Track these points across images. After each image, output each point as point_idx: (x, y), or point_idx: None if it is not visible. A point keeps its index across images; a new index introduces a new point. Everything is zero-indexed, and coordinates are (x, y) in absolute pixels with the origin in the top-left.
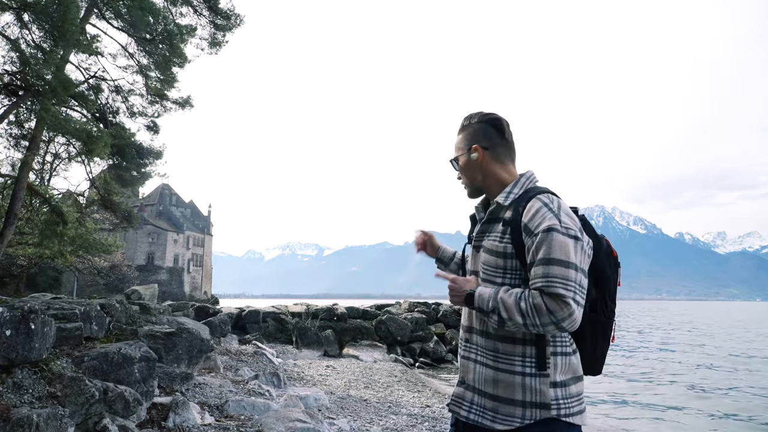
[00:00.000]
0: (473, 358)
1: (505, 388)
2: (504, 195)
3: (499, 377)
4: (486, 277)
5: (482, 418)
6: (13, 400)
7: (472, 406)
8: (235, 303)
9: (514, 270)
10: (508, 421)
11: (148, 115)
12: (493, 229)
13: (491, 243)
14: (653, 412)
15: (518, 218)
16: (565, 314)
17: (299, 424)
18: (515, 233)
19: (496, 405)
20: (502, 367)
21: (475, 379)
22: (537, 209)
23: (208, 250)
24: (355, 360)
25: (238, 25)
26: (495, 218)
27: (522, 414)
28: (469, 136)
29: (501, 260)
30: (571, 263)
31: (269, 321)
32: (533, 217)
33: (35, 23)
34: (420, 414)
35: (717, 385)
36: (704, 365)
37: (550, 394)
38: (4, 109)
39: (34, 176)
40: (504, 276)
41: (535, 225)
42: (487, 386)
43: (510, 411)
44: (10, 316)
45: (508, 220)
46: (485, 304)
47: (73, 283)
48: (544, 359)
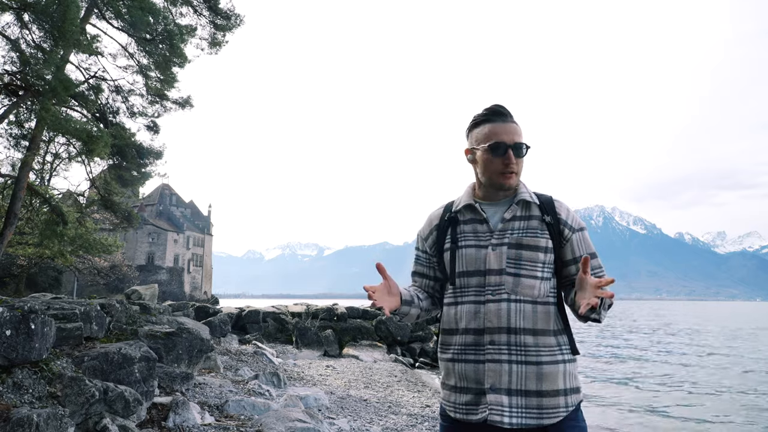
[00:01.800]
0: (506, 359)
1: (550, 380)
2: (528, 194)
3: (543, 371)
4: (526, 272)
5: (526, 419)
6: (13, 400)
7: (512, 410)
8: (235, 303)
9: (549, 264)
10: (554, 414)
11: (148, 115)
12: (523, 226)
13: (530, 239)
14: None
15: (554, 216)
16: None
17: (299, 424)
18: (552, 229)
19: (540, 401)
20: (546, 360)
21: (512, 381)
22: (568, 210)
23: (208, 250)
24: (355, 360)
25: (238, 25)
26: (521, 216)
27: (565, 402)
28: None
29: (542, 254)
30: None
31: (269, 321)
32: (569, 214)
33: (35, 23)
34: (420, 414)
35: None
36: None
37: (580, 378)
38: (4, 109)
39: (34, 176)
40: (543, 270)
41: (575, 222)
42: (530, 383)
43: (555, 403)
44: (10, 316)
45: (541, 217)
46: (606, 307)
47: (73, 283)
48: (575, 344)
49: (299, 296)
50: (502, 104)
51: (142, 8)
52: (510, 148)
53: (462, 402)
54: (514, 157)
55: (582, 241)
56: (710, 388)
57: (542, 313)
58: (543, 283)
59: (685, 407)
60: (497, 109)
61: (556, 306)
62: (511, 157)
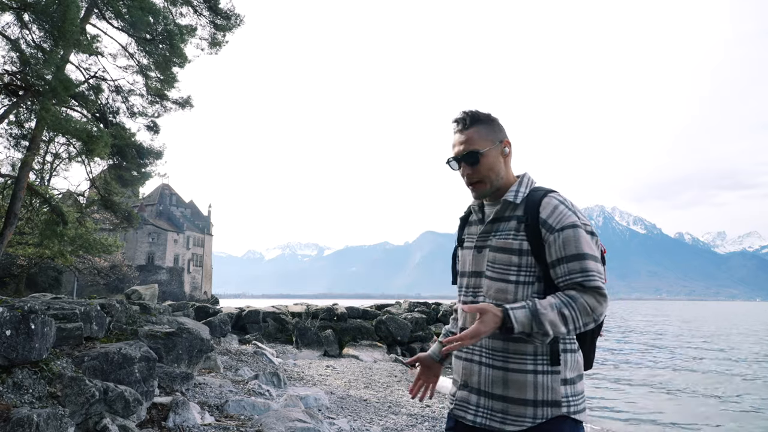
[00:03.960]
0: (477, 360)
1: (516, 388)
2: (513, 193)
3: (509, 377)
4: (497, 275)
5: (490, 421)
6: (13, 400)
7: (478, 409)
8: (235, 303)
9: (528, 267)
10: (518, 422)
11: (148, 115)
12: (502, 228)
13: (503, 241)
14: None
15: (534, 215)
16: (604, 308)
17: (299, 423)
18: (530, 230)
19: (505, 406)
20: (513, 367)
21: (481, 382)
22: (555, 206)
23: (208, 250)
24: (355, 360)
25: (238, 25)
26: (503, 217)
27: (533, 413)
28: (497, 130)
29: (515, 257)
30: (597, 258)
31: (269, 321)
32: (552, 213)
33: (35, 23)
34: (420, 414)
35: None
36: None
37: (562, 392)
38: (4, 109)
39: (34, 176)
40: (518, 273)
41: (557, 221)
42: (496, 388)
43: (521, 411)
44: (10, 316)
45: (521, 217)
46: (527, 327)
47: (73, 283)
48: (557, 355)
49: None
50: (466, 109)
51: (142, 8)
52: (460, 161)
53: (452, 394)
54: (469, 168)
55: (558, 242)
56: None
57: None
58: (520, 287)
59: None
60: (457, 116)
61: None
62: (465, 169)
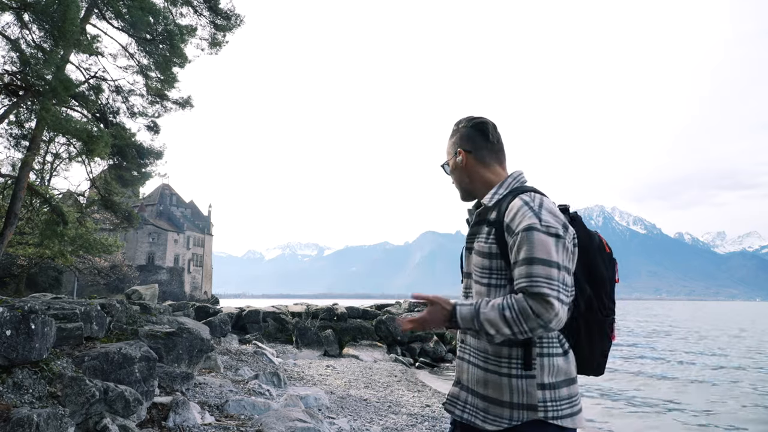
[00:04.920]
0: (467, 359)
1: (494, 388)
2: (489, 196)
3: (488, 378)
4: (476, 278)
5: (475, 418)
6: (14, 400)
7: (465, 405)
8: (235, 303)
9: (499, 270)
10: (497, 422)
11: (148, 115)
12: (480, 231)
13: (479, 244)
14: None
15: (501, 218)
16: (551, 315)
17: (299, 423)
18: (499, 233)
19: (486, 405)
20: (491, 368)
21: (469, 380)
22: (518, 208)
23: (208, 250)
24: (355, 360)
25: (238, 26)
26: (482, 220)
27: (510, 415)
28: (456, 141)
29: (487, 261)
30: (553, 262)
31: (269, 321)
32: (514, 216)
33: (35, 23)
34: (420, 414)
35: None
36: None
37: (538, 396)
38: (5, 109)
39: (35, 176)
40: (490, 277)
41: (516, 224)
42: (479, 386)
43: (499, 412)
44: (11, 316)
45: (492, 220)
46: (469, 324)
47: (73, 283)
48: (530, 360)
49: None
50: (458, 118)
51: (142, 8)
52: (443, 168)
53: (449, 393)
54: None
55: (516, 245)
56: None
57: None
58: (494, 290)
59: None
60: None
61: None
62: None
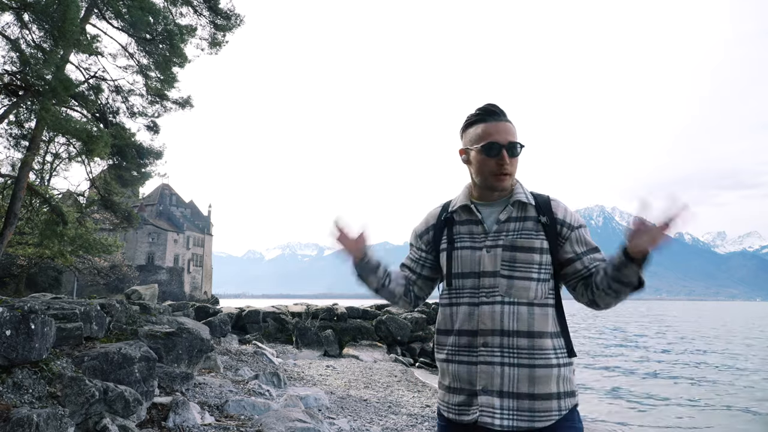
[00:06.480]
0: (498, 362)
1: (542, 383)
2: (524, 195)
3: (536, 374)
4: (520, 274)
5: (518, 422)
6: (13, 400)
7: (503, 412)
8: (235, 303)
9: (546, 265)
10: (546, 417)
11: (148, 115)
12: (516, 228)
13: (525, 240)
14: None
15: (551, 216)
16: None
17: (299, 423)
18: (549, 230)
19: (533, 403)
20: (539, 363)
21: (504, 383)
22: (566, 208)
23: (208, 250)
24: (355, 360)
25: (238, 25)
26: (516, 217)
27: (558, 406)
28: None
29: (537, 255)
30: None
31: (269, 321)
32: (566, 213)
33: (35, 23)
34: (420, 414)
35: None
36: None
37: (575, 381)
38: (4, 109)
39: (34, 176)
40: (540, 271)
41: (574, 220)
42: (522, 386)
43: (547, 406)
44: (10, 316)
45: (537, 217)
46: (646, 268)
47: (73, 283)
48: (572, 346)
49: (299, 296)
50: (495, 103)
51: (142, 8)
52: (504, 148)
53: (455, 402)
54: (508, 158)
55: (581, 237)
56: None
57: (539, 315)
58: (540, 284)
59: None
60: (490, 108)
61: (555, 308)
62: (505, 157)
